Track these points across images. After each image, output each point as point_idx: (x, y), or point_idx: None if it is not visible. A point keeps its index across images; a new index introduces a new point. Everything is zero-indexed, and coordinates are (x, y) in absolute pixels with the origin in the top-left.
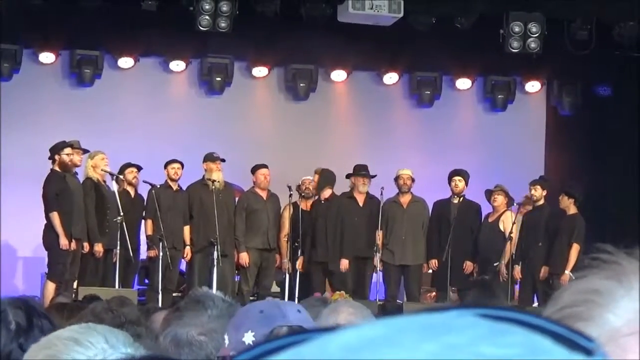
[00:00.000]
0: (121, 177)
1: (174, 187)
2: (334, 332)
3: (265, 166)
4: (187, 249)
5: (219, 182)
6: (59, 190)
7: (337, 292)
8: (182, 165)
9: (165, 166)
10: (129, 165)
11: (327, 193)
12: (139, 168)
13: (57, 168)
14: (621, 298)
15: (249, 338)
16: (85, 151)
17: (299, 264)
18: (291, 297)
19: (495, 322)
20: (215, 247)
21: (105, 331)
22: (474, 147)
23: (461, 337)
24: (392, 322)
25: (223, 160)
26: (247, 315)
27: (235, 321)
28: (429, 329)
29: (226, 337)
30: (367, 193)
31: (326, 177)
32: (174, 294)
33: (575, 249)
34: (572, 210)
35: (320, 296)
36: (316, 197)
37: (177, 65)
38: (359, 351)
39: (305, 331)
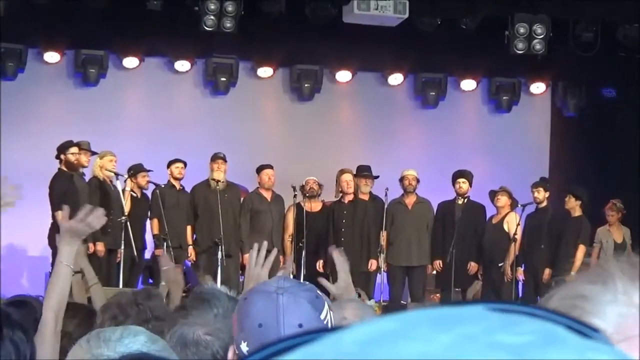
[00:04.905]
0: (125, 176)
1: (177, 186)
2: (345, 329)
3: (270, 166)
4: (190, 248)
5: (222, 182)
6: (66, 190)
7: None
8: (185, 164)
9: (169, 165)
10: (141, 169)
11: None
12: (148, 171)
13: (63, 167)
14: (607, 303)
15: (244, 348)
16: (93, 153)
17: (319, 265)
18: None
19: (505, 314)
20: (220, 247)
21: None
22: (479, 148)
23: (475, 328)
24: (403, 317)
25: (225, 160)
26: (247, 319)
27: (239, 317)
28: (441, 321)
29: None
30: (370, 193)
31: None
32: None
33: (581, 250)
34: (577, 212)
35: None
36: (338, 198)
37: (182, 65)
38: (375, 345)
39: (316, 330)
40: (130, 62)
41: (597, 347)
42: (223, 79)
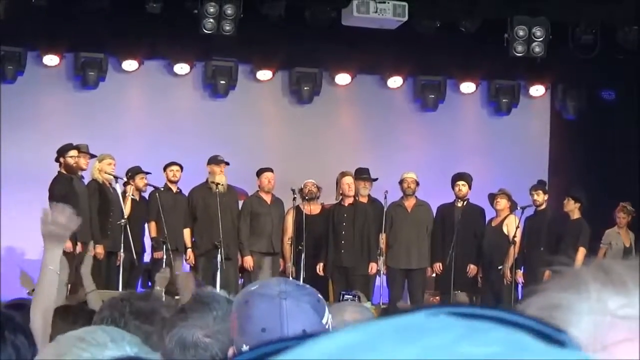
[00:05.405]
0: (123, 179)
1: (174, 189)
2: (313, 341)
3: (269, 170)
4: (189, 251)
5: (222, 185)
6: (65, 193)
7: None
8: (181, 167)
9: (165, 169)
10: (139, 171)
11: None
12: (146, 173)
13: (63, 170)
14: (583, 313)
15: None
16: (92, 156)
17: (319, 268)
18: None
19: (468, 321)
20: (219, 250)
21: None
22: (478, 150)
23: (439, 338)
24: (366, 328)
25: (227, 164)
26: (250, 323)
27: (240, 321)
28: (405, 331)
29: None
30: (369, 196)
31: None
32: (177, 297)
33: (581, 253)
34: (576, 214)
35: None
36: (338, 201)
37: (181, 68)
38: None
39: (286, 339)
40: (130, 65)
41: (562, 353)
42: (222, 81)
